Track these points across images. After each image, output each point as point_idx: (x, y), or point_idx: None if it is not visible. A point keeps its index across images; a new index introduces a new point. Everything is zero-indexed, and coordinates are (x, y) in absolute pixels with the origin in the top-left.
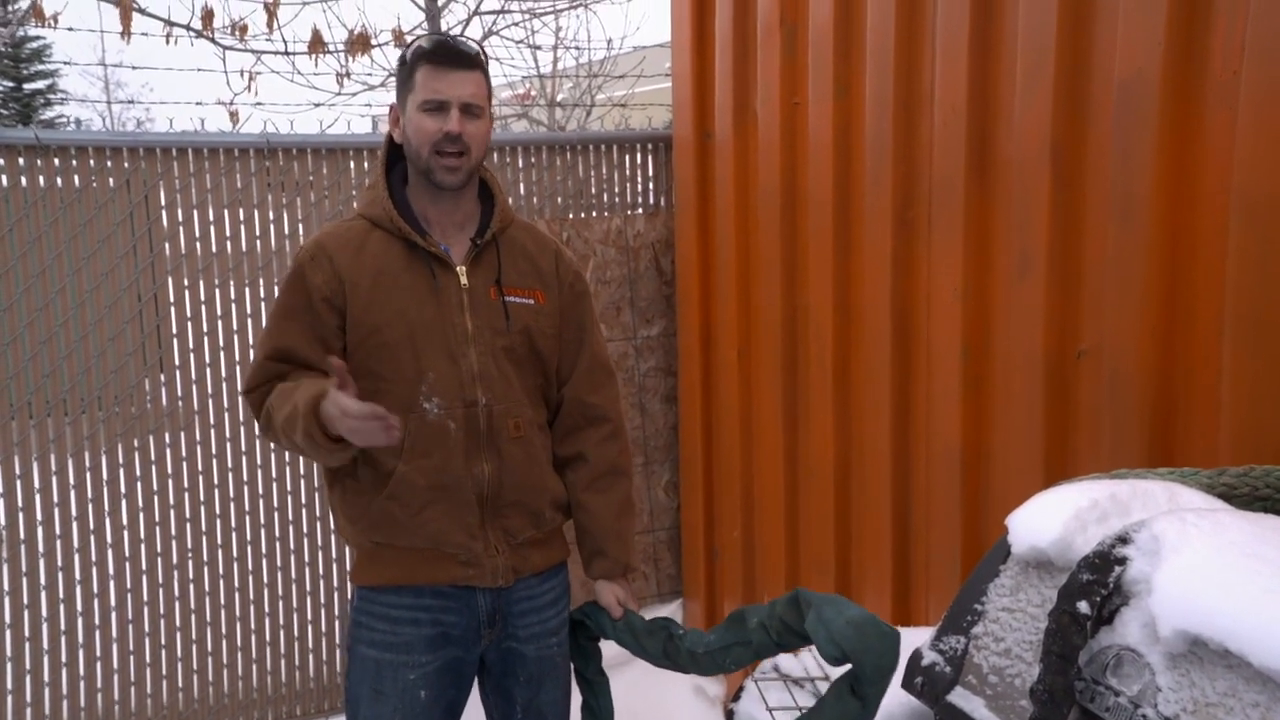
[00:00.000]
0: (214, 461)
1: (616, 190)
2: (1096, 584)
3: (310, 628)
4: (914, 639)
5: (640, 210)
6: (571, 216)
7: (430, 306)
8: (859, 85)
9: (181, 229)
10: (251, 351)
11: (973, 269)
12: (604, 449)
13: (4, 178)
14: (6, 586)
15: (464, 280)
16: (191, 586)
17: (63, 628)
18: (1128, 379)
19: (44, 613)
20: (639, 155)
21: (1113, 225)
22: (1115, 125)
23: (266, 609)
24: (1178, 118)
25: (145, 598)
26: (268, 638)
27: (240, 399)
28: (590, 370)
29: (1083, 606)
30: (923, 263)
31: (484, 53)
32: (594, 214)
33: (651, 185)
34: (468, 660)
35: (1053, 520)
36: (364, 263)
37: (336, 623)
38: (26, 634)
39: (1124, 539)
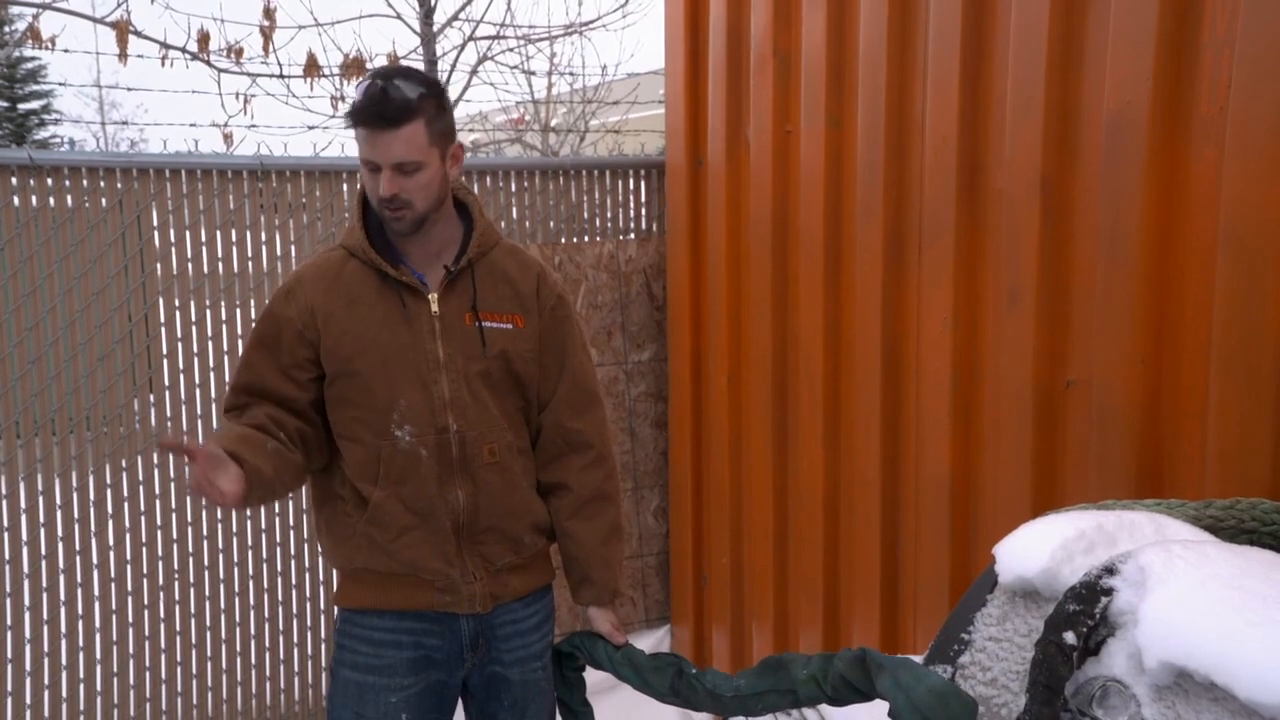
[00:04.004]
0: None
1: (609, 215)
2: (1083, 614)
3: (296, 650)
4: None
5: (632, 236)
6: (564, 241)
7: (402, 334)
8: (851, 115)
9: (174, 250)
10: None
11: (962, 299)
12: (587, 476)
13: None
14: None
15: (435, 308)
16: (177, 607)
17: (45, 649)
18: (1116, 410)
19: (27, 634)
20: (632, 181)
21: (1101, 258)
22: (1104, 159)
23: (252, 631)
24: (1166, 153)
25: (130, 618)
26: (253, 660)
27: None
28: (572, 395)
29: (1069, 637)
30: (913, 292)
31: (430, 90)
32: (586, 239)
33: (644, 211)
34: (450, 684)
35: (1040, 550)
36: (337, 293)
37: (322, 645)
38: (9, 655)
39: (1110, 570)
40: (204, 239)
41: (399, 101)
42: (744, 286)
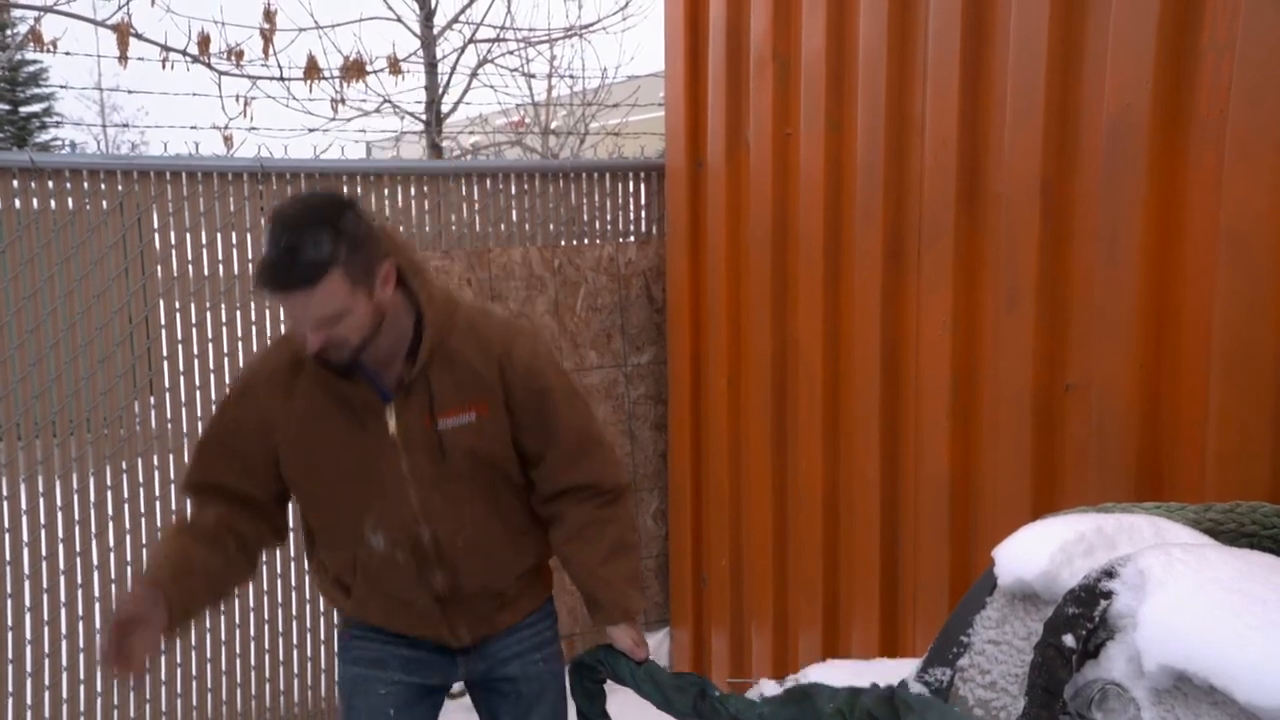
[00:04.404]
0: None
1: (609, 218)
2: (1082, 618)
3: (295, 652)
4: (901, 670)
5: (632, 238)
6: (564, 244)
7: (364, 449)
8: (850, 117)
9: (174, 252)
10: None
11: (962, 302)
12: (581, 508)
13: None
14: None
15: (392, 427)
16: None
17: (46, 650)
18: (1115, 413)
19: (28, 635)
20: (631, 183)
21: (1101, 261)
22: (1104, 161)
23: (252, 633)
24: (1166, 156)
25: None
26: (252, 661)
27: None
28: (565, 453)
29: (1068, 640)
30: (912, 295)
31: (340, 227)
32: (586, 241)
33: (644, 213)
34: (443, 686)
35: (1039, 553)
36: (293, 407)
37: (321, 647)
38: (9, 656)
39: (1110, 573)
40: (204, 241)
41: (306, 261)
42: (743, 289)
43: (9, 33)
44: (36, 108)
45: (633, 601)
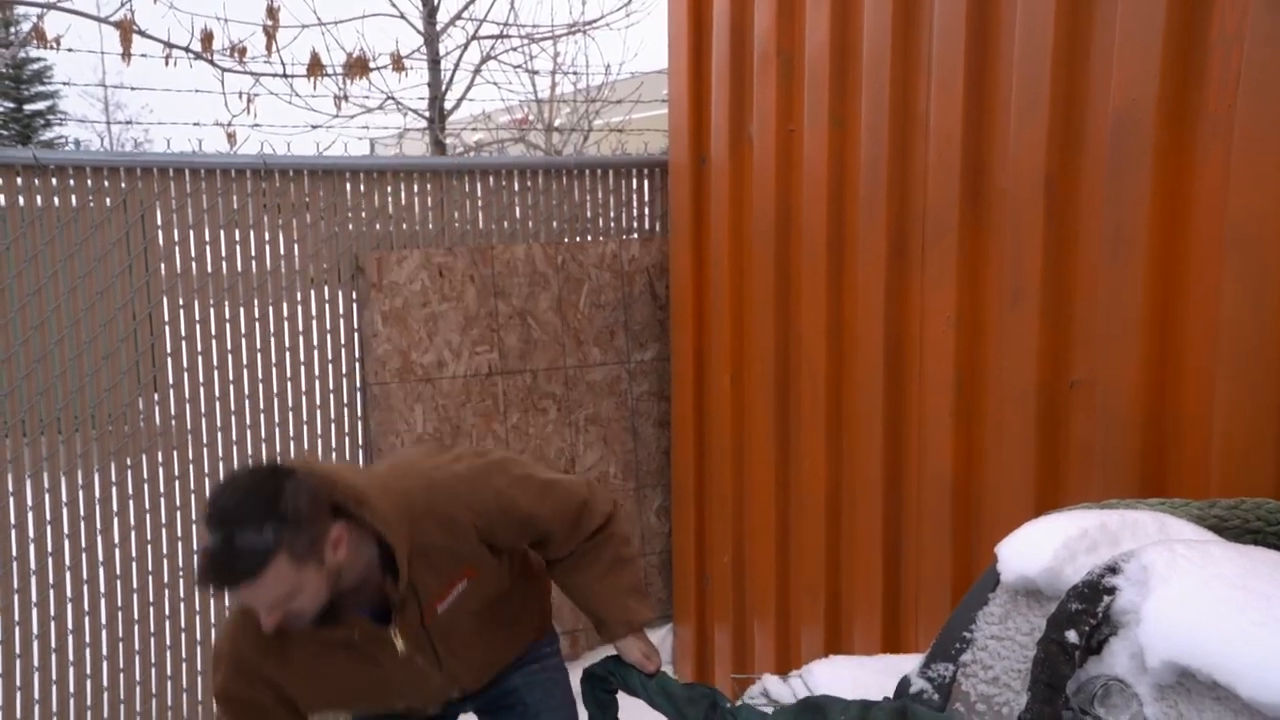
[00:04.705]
0: (206, 480)
1: (612, 215)
2: (1085, 613)
3: None
4: (904, 665)
5: (635, 235)
6: (567, 240)
7: (377, 674)
8: (854, 114)
9: (177, 249)
10: (245, 372)
11: (966, 298)
12: (571, 544)
13: (2, 197)
14: None
15: (400, 648)
16: (182, 605)
17: (54, 645)
18: (1120, 410)
19: (34, 630)
20: (635, 180)
21: (1106, 257)
22: (1109, 157)
23: None
24: (1172, 151)
25: (136, 614)
26: None
27: (232, 418)
28: (560, 537)
29: (1071, 636)
30: (916, 291)
31: (278, 514)
32: (589, 238)
33: (647, 210)
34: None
35: (1042, 549)
36: (293, 668)
37: None
38: (17, 650)
39: (1113, 569)
40: (208, 238)
41: (247, 554)
42: (746, 285)
43: (12, 30)
44: (41, 105)
45: (635, 613)
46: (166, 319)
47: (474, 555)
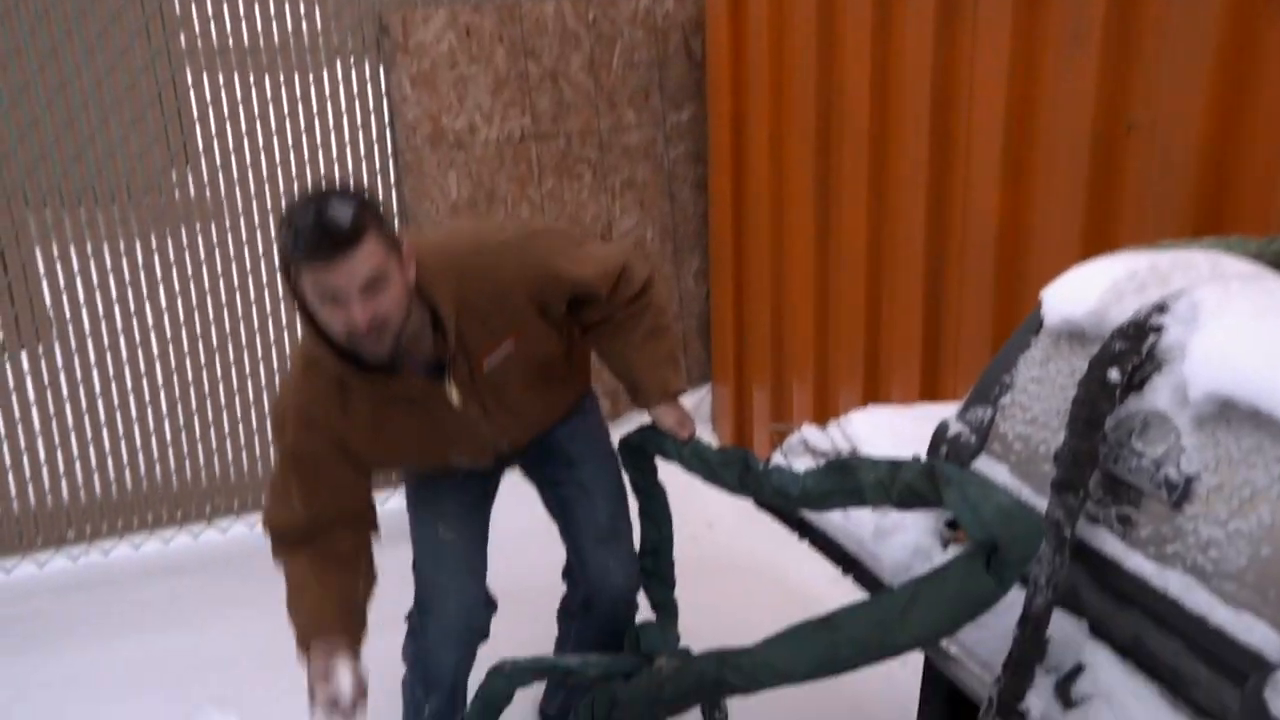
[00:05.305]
0: (245, 249)
1: None
2: (1129, 352)
3: None
4: (941, 413)
5: None
6: None
7: (435, 427)
8: None
9: (194, 6)
10: (275, 139)
11: (1021, 39)
12: (615, 306)
13: None
14: (60, 363)
15: (455, 400)
16: (234, 369)
17: (116, 403)
18: (1179, 151)
19: (97, 388)
20: None
21: None
22: None
23: None
24: None
25: (190, 378)
26: None
27: (265, 187)
28: (600, 300)
29: (1113, 374)
30: (967, 35)
31: (365, 199)
32: None
33: None
34: (494, 476)
35: (1088, 291)
36: (355, 419)
37: None
38: (70, 425)
39: (1161, 307)
40: None
41: (343, 220)
42: (786, 37)
43: None
44: None
45: (670, 381)
46: (190, 81)
47: (520, 317)
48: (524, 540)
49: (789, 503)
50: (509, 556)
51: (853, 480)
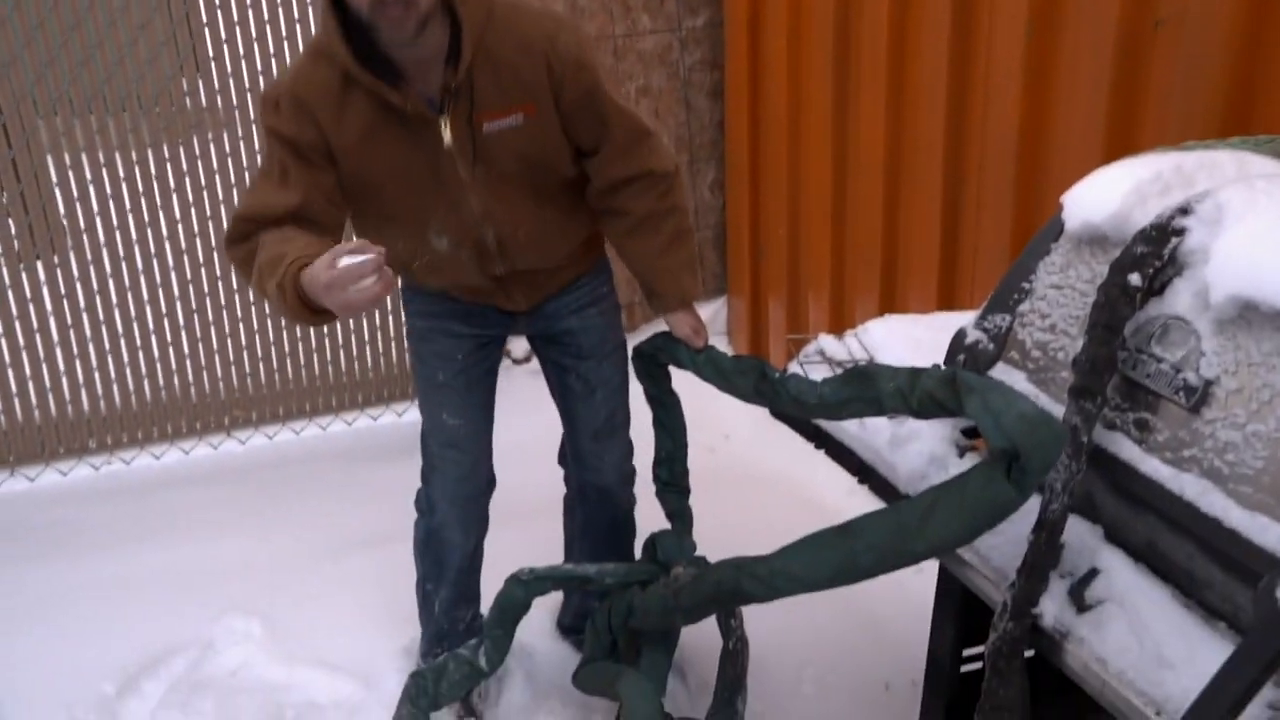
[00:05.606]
0: (258, 158)
1: None
2: (1151, 255)
3: (365, 319)
4: (959, 321)
5: None
6: None
7: (421, 163)
8: None
9: None
10: (285, 44)
11: None
12: (640, 200)
13: None
14: (75, 273)
15: (447, 137)
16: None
17: (133, 313)
18: (1208, 48)
19: (114, 299)
20: None
21: None
22: None
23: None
24: None
25: (206, 289)
26: (325, 328)
27: None
28: (617, 150)
29: (1134, 279)
30: None
31: None
32: None
33: None
34: (501, 338)
35: (1111, 194)
36: (347, 125)
37: (390, 317)
38: (88, 335)
39: (1185, 210)
40: None
41: None
42: None
43: None
44: None
45: (689, 288)
46: None
47: (538, 90)
48: (531, 455)
49: (805, 410)
50: (517, 471)
51: (871, 388)
